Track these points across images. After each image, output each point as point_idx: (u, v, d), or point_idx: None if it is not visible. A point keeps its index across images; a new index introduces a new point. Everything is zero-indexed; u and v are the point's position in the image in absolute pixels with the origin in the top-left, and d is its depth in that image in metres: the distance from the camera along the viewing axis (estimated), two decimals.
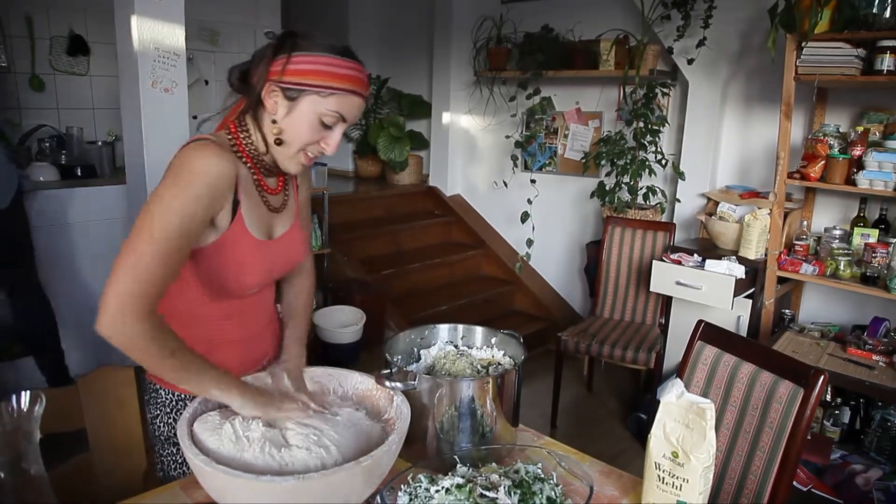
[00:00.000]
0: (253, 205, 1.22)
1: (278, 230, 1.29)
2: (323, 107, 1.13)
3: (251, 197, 1.22)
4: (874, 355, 2.58)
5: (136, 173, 2.63)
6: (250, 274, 1.23)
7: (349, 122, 1.19)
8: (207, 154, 1.10)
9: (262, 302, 1.36)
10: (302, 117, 1.14)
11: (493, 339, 1.44)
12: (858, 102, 3.00)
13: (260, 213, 1.24)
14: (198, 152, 1.10)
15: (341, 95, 1.14)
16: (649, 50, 3.53)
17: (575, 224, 4.32)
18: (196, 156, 1.10)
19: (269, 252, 1.26)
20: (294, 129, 1.15)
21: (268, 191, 1.26)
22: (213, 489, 0.98)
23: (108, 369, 1.37)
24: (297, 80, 1.12)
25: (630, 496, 1.17)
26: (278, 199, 1.30)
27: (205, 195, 1.09)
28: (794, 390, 1.37)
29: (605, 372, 3.87)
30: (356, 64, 1.16)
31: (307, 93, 1.12)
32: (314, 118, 1.14)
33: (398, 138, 4.74)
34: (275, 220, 1.29)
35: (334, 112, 1.14)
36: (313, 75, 1.12)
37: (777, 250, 2.85)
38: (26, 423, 0.92)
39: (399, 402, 1.15)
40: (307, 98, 1.13)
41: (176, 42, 2.57)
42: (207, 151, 1.10)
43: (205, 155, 1.10)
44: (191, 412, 1.10)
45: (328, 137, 1.17)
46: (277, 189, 1.30)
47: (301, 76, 1.12)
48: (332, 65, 1.13)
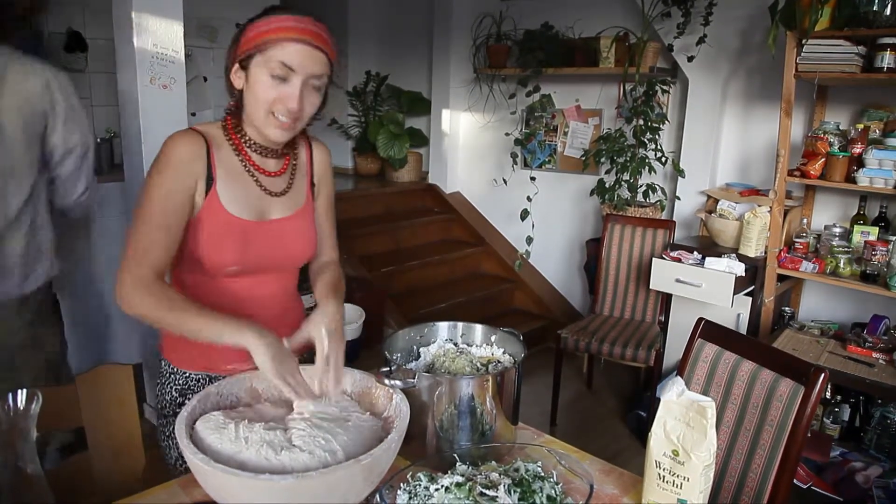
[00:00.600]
0: (236, 184, 1.27)
1: (274, 213, 1.32)
2: (267, 62, 1.19)
3: (235, 176, 1.27)
4: (874, 353, 2.58)
5: (135, 170, 2.62)
6: (224, 251, 1.26)
7: (303, 73, 1.19)
8: (175, 138, 1.23)
9: (267, 291, 1.36)
10: (256, 80, 1.20)
11: (492, 337, 1.43)
12: (859, 100, 3.00)
13: (247, 193, 1.28)
14: (169, 139, 1.24)
15: (281, 46, 1.17)
16: (649, 47, 3.52)
17: (575, 222, 4.31)
18: (167, 142, 1.23)
19: (251, 231, 1.28)
20: (253, 93, 1.21)
21: (262, 172, 1.31)
22: (211, 488, 0.97)
23: (107, 367, 1.37)
24: (245, 49, 1.21)
25: (630, 495, 1.16)
26: (277, 181, 1.33)
27: (174, 172, 1.21)
28: (794, 388, 1.36)
29: (604, 370, 3.87)
30: (296, 16, 1.19)
31: (254, 56, 1.20)
32: (265, 76, 1.19)
33: (397, 135, 4.74)
34: (270, 203, 1.32)
35: (278, 62, 1.18)
36: (254, 38, 1.20)
37: (777, 248, 2.85)
38: (23, 421, 0.91)
39: (398, 400, 1.14)
40: (255, 61, 1.20)
41: (174, 39, 2.56)
42: (175, 136, 1.24)
43: (173, 139, 1.23)
44: (188, 411, 1.09)
45: (285, 92, 1.20)
46: (278, 172, 1.34)
47: (247, 45, 1.21)
48: (270, 22, 1.19)
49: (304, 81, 1.20)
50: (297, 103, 1.20)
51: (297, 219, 1.36)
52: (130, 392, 1.39)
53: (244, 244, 1.28)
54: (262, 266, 1.33)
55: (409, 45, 5.09)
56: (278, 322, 1.35)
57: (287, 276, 1.42)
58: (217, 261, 1.27)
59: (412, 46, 5.06)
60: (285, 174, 1.35)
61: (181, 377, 1.36)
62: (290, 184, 1.35)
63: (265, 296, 1.36)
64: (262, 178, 1.31)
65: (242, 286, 1.32)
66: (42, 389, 0.97)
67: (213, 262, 1.27)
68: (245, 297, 1.32)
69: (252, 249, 1.29)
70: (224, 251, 1.26)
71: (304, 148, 1.42)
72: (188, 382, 1.36)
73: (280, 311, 1.39)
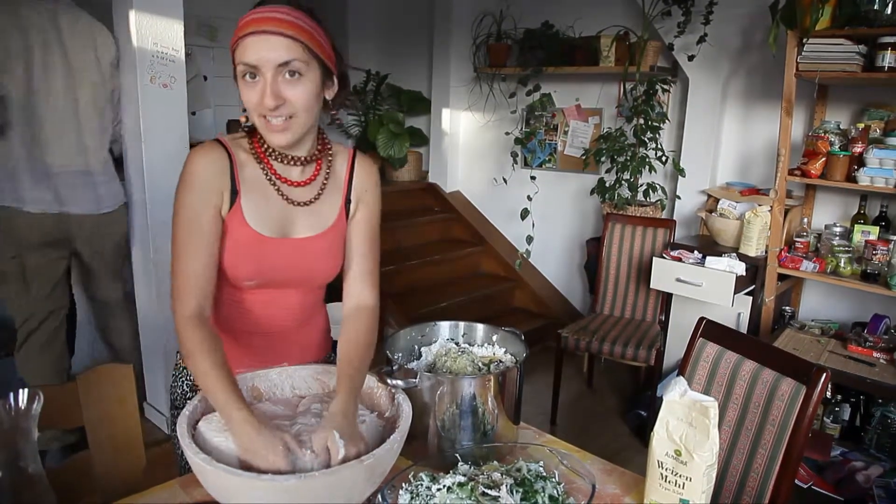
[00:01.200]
0: (260, 197, 1.22)
1: (299, 230, 1.25)
2: (236, 65, 1.14)
3: (259, 190, 1.22)
4: (875, 352, 2.58)
5: (135, 169, 2.62)
6: (243, 265, 1.22)
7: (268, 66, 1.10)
8: (196, 154, 1.19)
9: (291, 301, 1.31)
10: (240, 88, 1.15)
11: (494, 337, 1.43)
12: (859, 99, 3.00)
13: (271, 207, 1.22)
14: (190, 156, 1.19)
15: (242, 46, 1.11)
16: (650, 46, 3.52)
17: (575, 221, 4.31)
18: (189, 160, 1.19)
19: (271, 248, 1.23)
20: (243, 98, 1.16)
21: (286, 182, 1.24)
22: (213, 487, 0.97)
23: (108, 367, 1.36)
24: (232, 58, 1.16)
25: (632, 494, 1.16)
26: (303, 192, 1.25)
27: (199, 190, 1.17)
28: (796, 388, 1.36)
29: (604, 369, 3.87)
30: (260, 7, 1.11)
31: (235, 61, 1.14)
32: (241, 82, 1.14)
33: (397, 135, 4.73)
34: (295, 217, 1.25)
35: (240, 66, 1.12)
36: (231, 45, 1.15)
37: (777, 247, 2.85)
38: (24, 420, 0.91)
39: (400, 399, 1.14)
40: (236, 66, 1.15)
41: (175, 38, 2.56)
42: (196, 152, 1.19)
43: (194, 156, 1.19)
44: (190, 410, 1.09)
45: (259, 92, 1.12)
46: (304, 182, 1.25)
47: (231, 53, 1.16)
48: (238, 24, 1.13)
49: (273, 75, 1.10)
50: (270, 99, 1.10)
51: (323, 239, 1.27)
52: (131, 391, 1.38)
53: (263, 260, 1.23)
54: (281, 282, 1.28)
55: (409, 45, 5.09)
56: (300, 331, 1.35)
57: (313, 291, 1.36)
58: (235, 274, 1.23)
59: (412, 45, 5.05)
60: (313, 184, 1.27)
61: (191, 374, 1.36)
62: (318, 195, 1.26)
63: (289, 307, 1.32)
64: (285, 187, 1.24)
65: (265, 297, 1.29)
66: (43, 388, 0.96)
67: (232, 275, 1.23)
68: (267, 305, 1.29)
69: (271, 266, 1.24)
70: (243, 265, 1.22)
71: (345, 160, 1.32)
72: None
73: (303, 319, 1.36)
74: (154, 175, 2.54)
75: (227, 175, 1.19)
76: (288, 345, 1.35)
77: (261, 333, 1.31)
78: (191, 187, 1.17)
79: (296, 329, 1.35)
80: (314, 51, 1.13)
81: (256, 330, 1.31)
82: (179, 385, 1.38)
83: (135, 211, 2.70)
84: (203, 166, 1.17)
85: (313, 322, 1.40)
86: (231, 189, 1.19)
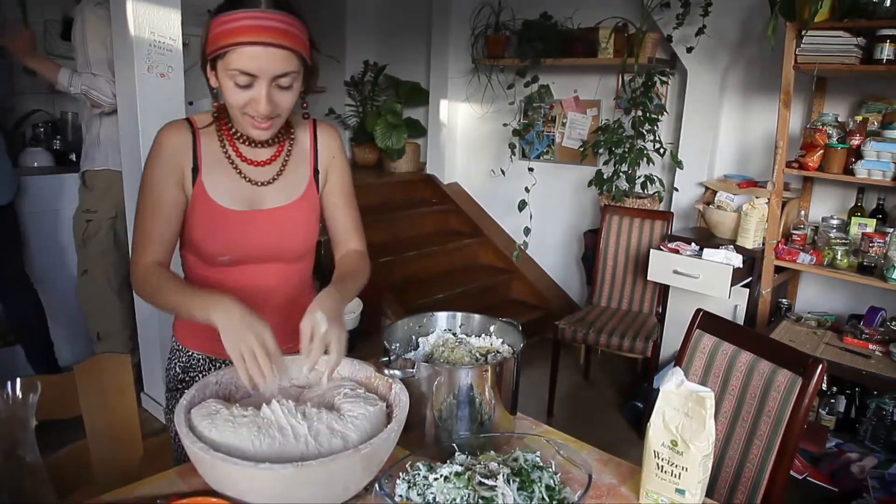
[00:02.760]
0: (222, 174, 1.27)
1: (267, 203, 1.30)
2: (227, 68, 1.13)
3: (220, 166, 1.27)
4: (870, 344, 2.59)
5: (132, 159, 2.61)
6: (214, 240, 1.27)
7: (266, 76, 1.12)
8: (164, 129, 1.26)
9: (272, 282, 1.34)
10: (223, 84, 1.16)
11: (491, 327, 1.43)
12: (857, 91, 2.99)
13: (233, 183, 1.27)
14: (160, 131, 1.26)
15: (238, 52, 1.10)
16: (648, 38, 3.51)
17: (572, 213, 4.31)
18: (158, 133, 1.26)
19: (240, 221, 1.27)
20: (225, 96, 1.17)
21: (249, 161, 1.28)
22: (210, 476, 0.97)
23: (105, 356, 1.37)
24: (210, 50, 1.15)
25: (628, 484, 1.17)
26: (265, 171, 1.30)
27: (161, 162, 1.24)
28: (792, 379, 1.37)
29: (601, 360, 3.88)
30: (252, 12, 1.10)
31: (217, 59, 1.14)
32: (228, 82, 1.14)
33: (395, 126, 4.72)
34: (262, 192, 1.29)
35: (235, 70, 1.12)
36: (214, 40, 1.13)
37: (774, 240, 2.85)
38: (21, 410, 0.91)
39: (398, 389, 1.14)
40: (219, 64, 1.15)
41: (172, 27, 2.55)
42: (165, 127, 1.26)
43: (162, 131, 1.26)
44: (188, 399, 1.09)
45: (252, 97, 1.15)
46: (268, 160, 1.30)
47: (211, 45, 1.14)
48: (226, 22, 1.11)
49: (269, 83, 1.14)
50: (266, 107, 1.15)
51: (294, 208, 1.32)
52: (128, 381, 1.39)
53: (233, 234, 1.27)
54: (256, 256, 1.31)
55: (408, 35, 5.07)
56: (286, 312, 1.35)
57: (293, 266, 1.38)
58: (208, 250, 1.27)
59: (411, 36, 5.03)
60: (276, 161, 1.31)
61: (185, 355, 1.39)
62: (280, 171, 1.31)
63: (270, 286, 1.34)
64: (247, 167, 1.28)
65: (245, 276, 1.31)
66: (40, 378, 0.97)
67: (206, 252, 1.28)
68: (248, 287, 1.30)
69: (243, 239, 1.28)
70: (214, 241, 1.27)
71: (308, 134, 1.37)
72: (191, 361, 1.39)
73: (287, 301, 1.37)
74: None
75: (190, 152, 1.25)
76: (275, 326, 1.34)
77: None
78: (155, 158, 1.24)
79: (284, 309, 1.35)
80: (304, 57, 1.17)
81: None
82: (173, 367, 1.40)
83: (132, 201, 2.70)
84: (166, 140, 1.24)
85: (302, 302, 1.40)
86: (193, 166, 1.25)
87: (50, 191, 3.15)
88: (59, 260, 3.22)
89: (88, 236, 2.90)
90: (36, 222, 3.09)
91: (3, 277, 2.84)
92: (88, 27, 2.70)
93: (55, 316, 3.09)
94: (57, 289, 3.17)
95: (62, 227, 3.18)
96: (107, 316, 2.99)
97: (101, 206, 2.87)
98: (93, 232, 2.89)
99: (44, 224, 3.13)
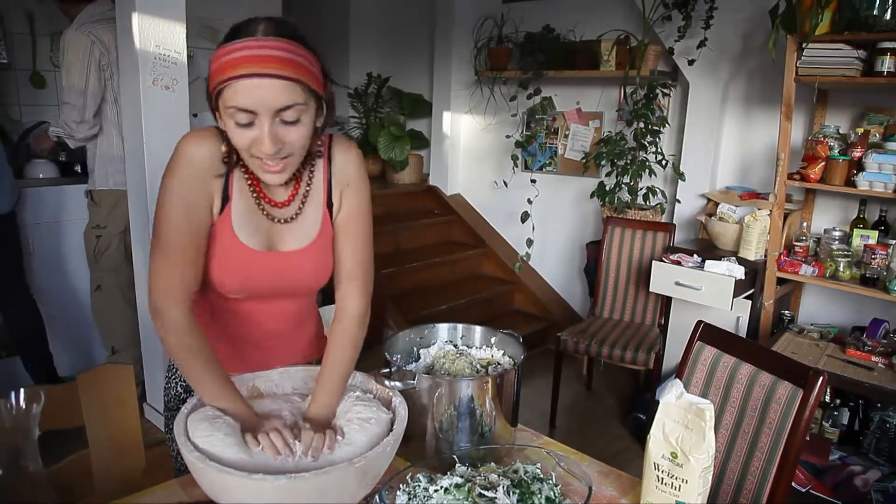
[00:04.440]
0: (247, 209, 1.17)
1: (285, 244, 1.21)
2: (225, 106, 1.03)
3: (246, 199, 1.17)
4: (873, 357, 2.58)
5: (137, 171, 2.62)
6: (230, 277, 1.19)
7: (265, 111, 1.01)
8: (190, 139, 1.12)
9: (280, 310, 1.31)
10: (226, 125, 1.06)
11: (492, 339, 1.44)
12: (859, 104, 3.00)
13: (257, 221, 1.18)
14: (183, 140, 1.12)
15: (233, 87, 1.00)
16: (650, 50, 3.53)
17: (575, 224, 4.32)
18: (181, 143, 1.12)
19: (258, 262, 1.19)
20: (231, 138, 1.07)
21: (268, 201, 1.19)
22: (206, 485, 0.98)
23: (108, 367, 1.37)
24: (210, 88, 1.05)
25: (629, 496, 1.17)
26: (285, 211, 1.20)
27: (190, 176, 1.11)
28: (793, 391, 1.37)
29: (604, 372, 3.87)
30: (246, 41, 0.99)
31: (218, 97, 1.04)
32: (230, 122, 1.04)
33: (398, 137, 4.74)
34: (280, 232, 1.21)
35: (232, 108, 1.01)
36: (212, 77, 1.03)
37: (777, 251, 2.85)
38: (25, 420, 0.92)
39: (397, 402, 1.14)
40: (219, 103, 1.05)
41: (177, 40, 2.57)
42: (191, 137, 1.13)
43: (188, 140, 1.12)
44: (188, 409, 1.09)
45: (255, 137, 1.03)
46: (284, 202, 1.20)
47: (210, 83, 1.04)
48: (222, 55, 1.01)
49: (271, 119, 1.02)
50: (271, 146, 1.03)
51: (309, 252, 1.22)
52: (131, 392, 1.39)
53: (250, 274, 1.19)
54: (269, 294, 1.26)
55: (411, 47, 5.10)
56: (290, 334, 1.35)
57: (302, 300, 1.34)
58: (225, 287, 1.20)
59: (414, 48, 5.07)
60: (294, 202, 1.20)
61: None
62: (300, 210, 1.21)
63: (277, 316, 1.31)
64: (268, 206, 1.19)
65: (254, 307, 1.28)
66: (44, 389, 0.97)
67: (221, 286, 1.20)
68: (255, 315, 1.29)
69: (258, 279, 1.21)
70: (231, 279, 1.19)
71: (322, 160, 1.22)
72: None
73: (292, 326, 1.36)
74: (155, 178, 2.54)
75: (222, 172, 1.13)
76: (279, 350, 1.35)
77: (251, 340, 1.31)
78: (182, 170, 1.09)
79: (286, 334, 1.35)
80: (311, 87, 1.05)
81: (246, 336, 1.31)
82: (173, 387, 1.38)
83: (136, 214, 2.71)
84: (197, 150, 1.10)
85: (304, 327, 1.40)
86: (223, 191, 1.14)
87: (54, 202, 3.17)
88: (61, 271, 3.23)
89: (99, 252, 2.93)
90: (39, 233, 3.11)
91: (1, 287, 2.85)
92: (67, 52, 2.74)
93: (55, 327, 3.10)
94: (58, 300, 3.18)
95: (65, 238, 3.20)
96: (121, 330, 3.01)
97: (109, 221, 2.91)
98: (103, 247, 2.93)
99: (47, 235, 3.15)
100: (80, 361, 3.22)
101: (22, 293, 2.92)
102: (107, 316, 3.02)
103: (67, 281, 3.24)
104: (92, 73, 2.74)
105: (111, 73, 2.79)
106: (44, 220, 3.13)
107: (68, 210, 3.19)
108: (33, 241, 3.09)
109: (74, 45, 2.72)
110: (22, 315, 2.91)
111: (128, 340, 3.00)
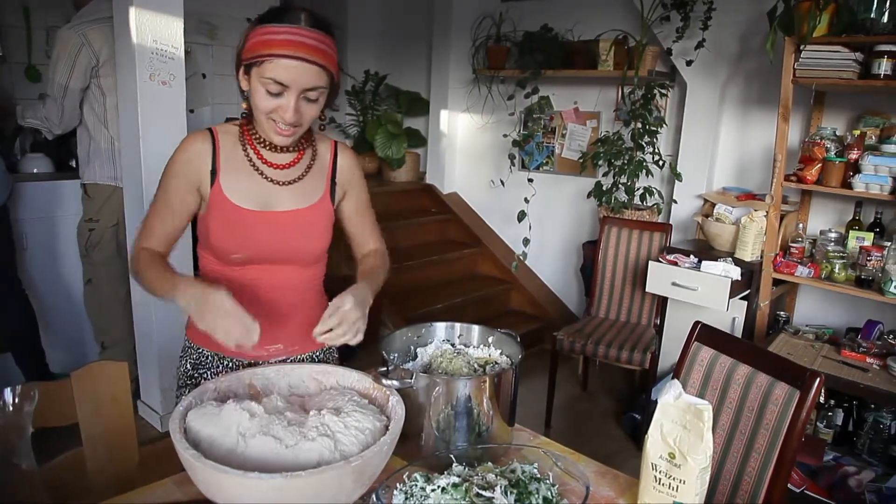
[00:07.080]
0: (240, 176, 1.34)
1: (282, 205, 1.36)
2: (261, 75, 1.22)
3: (239, 169, 1.34)
4: (868, 358, 2.59)
5: (133, 166, 2.62)
6: (229, 239, 1.33)
7: (297, 88, 1.22)
8: (184, 141, 1.35)
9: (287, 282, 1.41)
10: (255, 89, 1.24)
11: (490, 338, 1.43)
12: (856, 106, 3.01)
13: (253, 185, 1.34)
14: (183, 139, 1.36)
15: (275, 62, 1.19)
16: (648, 51, 3.53)
17: (571, 224, 4.32)
18: (181, 142, 1.35)
19: (255, 221, 1.33)
20: (253, 100, 1.26)
21: (270, 164, 1.35)
22: (201, 483, 0.97)
23: (102, 364, 1.36)
24: (247, 56, 1.24)
25: (626, 497, 1.16)
26: (286, 173, 1.37)
27: (180, 169, 1.33)
28: (790, 392, 1.37)
29: (599, 372, 3.87)
30: (292, 28, 1.19)
31: (253, 65, 1.22)
32: (260, 88, 1.23)
33: (395, 135, 4.73)
34: (278, 193, 1.36)
35: (269, 79, 1.21)
36: (253, 48, 1.22)
37: (773, 252, 2.86)
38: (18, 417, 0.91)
39: (394, 402, 1.14)
40: (254, 70, 1.23)
41: (174, 35, 2.56)
42: (185, 139, 1.35)
43: (182, 142, 1.35)
44: (185, 405, 1.09)
45: (280, 105, 1.24)
46: (288, 164, 1.37)
47: (248, 52, 1.23)
48: (266, 33, 1.20)
49: (298, 95, 1.23)
50: (293, 116, 1.24)
51: (309, 213, 1.38)
52: (125, 389, 1.39)
53: (247, 233, 1.33)
54: (269, 256, 1.37)
55: (409, 45, 5.09)
56: (297, 315, 1.42)
57: (305, 271, 1.44)
58: (222, 248, 1.34)
59: (412, 46, 5.06)
60: (297, 166, 1.38)
61: (195, 352, 1.44)
62: (301, 176, 1.38)
63: (283, 287, 1.41)
64: (268, 169, 1.36)
65: (258, 275, 1.38)
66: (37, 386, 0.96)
67: (220, 249, 1.34)
68: (261, 286, 1.38)
69: (256, 238, 1.34)
70: (227, 239, 1.33)
71: (328, 150, 1.45)
72: (201, 358, 1.44)
73: (298, 303, 1.43)
74: (152, 172, 2.54)
75: (209, 158, 1.32)
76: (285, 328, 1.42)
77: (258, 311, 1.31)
78: (172, 163, 1.33)
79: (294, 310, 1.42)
80: (333, 74, 1.26)
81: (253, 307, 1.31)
82: (183, 364, 1.45)
83: (132, 208, 2.70)
84: (188, 148, 1.33)
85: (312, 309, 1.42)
86: (212, 169, 1.32)
87: (47, 197, 3.14)
88: (55, 266, 3.21)
89: (91, 245, 2.92)
90: (32, 228, 3.09)
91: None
92: (57, 49, 2.77)
93: (49, 323, 3.08)
94: (51, 296, 3.16)
95: (59, 233, 3.18)
96: (111, 325, 3.00)
97: (102, 215, 2.90)
98: (95, 241, 2.91)
99: (40, 230, 3.13)
100: (72, 358, 3.20)
101: (14, 288, 2.91)
102: (97, 310, 3.01)
103: (61, 277, 3.22)
104: (75, 72, 2.75)
105: (97, 73, 2.79)
106: (38, 215, 3.11)
107: (62, 205, 3.17)
108: (27, 236, 3.07)
109: (63, 43, 2.74)
110: (14, 310, 2.89)
111: (118, 335, 2.99)
